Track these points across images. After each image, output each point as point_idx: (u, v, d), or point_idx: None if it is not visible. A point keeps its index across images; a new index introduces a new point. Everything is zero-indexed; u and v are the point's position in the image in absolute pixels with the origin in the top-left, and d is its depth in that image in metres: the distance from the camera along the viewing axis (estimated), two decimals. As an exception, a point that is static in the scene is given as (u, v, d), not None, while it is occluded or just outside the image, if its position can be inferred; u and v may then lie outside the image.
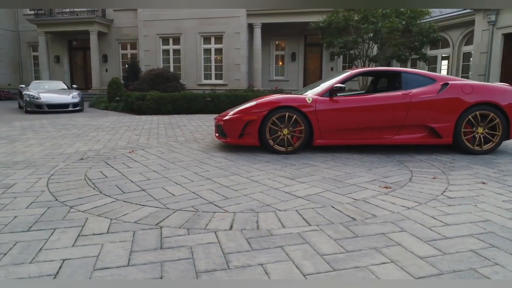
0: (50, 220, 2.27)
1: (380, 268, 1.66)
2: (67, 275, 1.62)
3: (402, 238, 1.99)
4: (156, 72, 14.18)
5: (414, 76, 4.60)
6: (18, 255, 1.80)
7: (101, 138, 5.86)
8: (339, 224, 2.19)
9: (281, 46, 18.84)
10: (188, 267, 1.68)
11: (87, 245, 1.92)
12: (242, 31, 16.66)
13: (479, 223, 2.19)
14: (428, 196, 2.73)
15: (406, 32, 11.54)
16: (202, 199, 2.70)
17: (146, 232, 2.09)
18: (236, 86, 16.56)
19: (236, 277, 1.59)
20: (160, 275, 1.61)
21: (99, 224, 2.21)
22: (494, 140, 4.37)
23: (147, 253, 1.83)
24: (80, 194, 2.83)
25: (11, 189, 2.96)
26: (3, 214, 2.39)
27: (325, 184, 3.10)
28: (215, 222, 2.24)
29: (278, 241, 1.96)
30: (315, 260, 1.74)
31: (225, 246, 1.90)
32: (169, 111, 10.94)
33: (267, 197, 2.75)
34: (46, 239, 1.99)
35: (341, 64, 17.99)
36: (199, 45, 17.07)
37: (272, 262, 1.72)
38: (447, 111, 4.33)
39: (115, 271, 1.65)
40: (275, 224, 2.20)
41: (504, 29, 11.20)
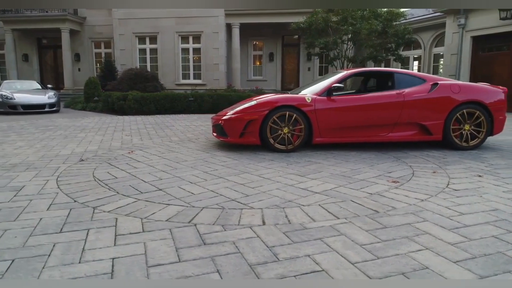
0: (79, 221, 2.26)
1: (419, 254, 1.79)
2: (124, 273, 1.64)
3: (427, 227, 2.13)
4: (134, 71, 13.95)
5: (405, 76, 4.83)
6: (63, 256, 1.79)
7: (92, 139, 5.74)
8: (364, 217, 2.31)
9: (258, 46, 18.97)
10: (239, 260, 1.74)
11: (129, 244, 1.94)
12: (220, 31, 16.65)
13: (490, 212, 2.38)
14: (435, 189, 2.92)
15: (383, 33, 11.97)
16: (223, 197, 2.75)
17: (183, 230, 2.12)
18: (215, 86, 16.53)
19: (290, 268, 1.66)
20: (216, 269, 1.67)
21: (132, 223, 2.22)
22: (479, 136, 4.67)
23: (193, 249, 1.87)
24: (98, 195, 2.80)
25: (22, 192, 2.88)
26: (26, 216, 2.34)
27: (336, 180, 3.23)
28: (246, 218, 2.30)
29: (315, 233, 2.05)
30: (357, 249, 1.85)
31: (266, 240, 1.97)
32: (151, 111, 10.79)
33: (285, 193, 2.84)
34: (84, 240, 1.99)
35: (318, 64, 18.37)
36: (177, 45, 16.90)
37: (317, 253, 1.81)
38: (438, 110, 4.58)
39: (169, 267, 1.68)
40: (305, 218, 2.30)
41: (472, 32, 11.85)
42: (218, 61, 16.80)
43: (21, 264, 1.72)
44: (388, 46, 12.77)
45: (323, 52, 12.72)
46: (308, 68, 18.41)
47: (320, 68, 18.44)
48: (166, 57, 16.95)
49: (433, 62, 15.66)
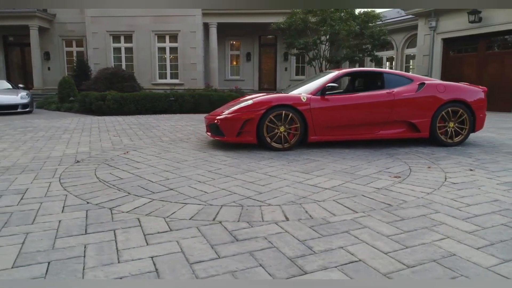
0: (101, 222, 2.23)
1: (442, 243, 1.91)
2: (168, 270, 1.65)
3: (441, 218, 2.27)
4: (111, 71, 13.62)
5: (394, 76, 5.04)
6: (99, 257, 1.78)
7: (79, 140, 5.58)
8: (380, 210, 2.43)
9: (235, 46, 19.00)
10: (277, 254, 1.80)
11: (162, 242, 1.94)
12: (198, 30, 16.53)
13: (492, 203, 2.56)
14: (436, 183, 3.09)
15: (359, 35, 12.33)
16: (237, 195, 2.78)
17: (210, 227, 2.15)
18: (192, 85, 16.39)
19: (328, 260, 1.74)
20: (257, 263, 1.71)
21: (156, 223, 2.22)
22: (462, 133, 4.94)
23: (228, 245, 1.90)
24: (109, 196, 2.76)
25: (28, 195, 2.79)
26: (43, 219, 2.28)
27: (340, 176, 3.34)
28: (268, 215, 2.35)
29: (340, 227, 2.14)
30: (384, 240, 1.95)
31: (296, 235, 2.03)
32: (131, 112, 10.58)
33: (297, 190, 2.91)
34: (113, 240, 1.97)
35: (295, 64, 18.63)
36: (153, 44, 16.62)
37: (349, 245, 1.89)
38: (425, 108, 4.81)
39: (212, 263, 1.71)
40: (325, 213, 2.38)
41: (443, 34, 12.44)
42: (196, 60, 16.68)
43: (58, 266, 1.69)
44: (364, 47, 13.15)
45: (302, 52, 12.92)
46: (285, 68, 18.63)
47: (297, 68, 18.71)
48: (142, 56, 16.63)
49: (405, 63, 16.30)
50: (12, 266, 1.69)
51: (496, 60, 11.31)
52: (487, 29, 11.19)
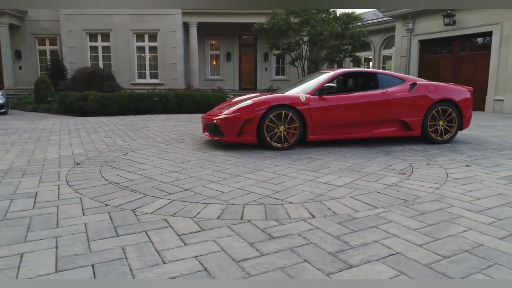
0: (129, 224, 2.21)
1: (467, 234, 2.02)
2: (217, 269, 1.67)
3: (458, 211, 2.40)
4: (89, 70, 13.24)
5: (387, 77, 5.21)
6: (141, 258, 1.77)
7: (70, 142, 5.42)
8: (398, 205, 2.53)
9: (215, 46, 18.91)
10: (318, 250, 1.85)
11: (199, 242, 1.95)
12: (177, 30, 16.34)
13: (499, 196, 2.72)
14: (440, 179, 3.24)
15: (340, 36, 12.60)
16: (255, 194, 2.81)
17: (241, 226, 2.17)
18: (173, 85, 16.19)
19: (369, 253, 1.81)
20: (302, 259, 1.76)
21: (186, 223, 2.22)
22: (451, 131, 5.18)
23: (266, 243, 1.94)
24: (126, 198, 2.73)
25: (40, 198, 2.71)
26: (67, 223, 2.23)
27: (348, 174, 3.44)
28: (293, 212, 2.40)
29: (367, 222, 2.22)
30: (413, 233, 2.04)
31: (328, 231, 2.09)
32: (114, 112, 10.35)
33: (311, 188, 2.97)
34: (149, 241, 1.96)
35: (275, 64, 18.77)
36: (131, 43, 16.28)
37: (382, 239, 1.97)
38: (417, 107, 5.01)
39: (257, 260, 1.74)
40: (347, 209, 2.46)
41: (420, 36, 12.90)
42: (176, 60, 16.48)
43: (104, 268, 1.67)
44: (344, 47, 13.44)
45: (286, 53, 13.05)
46: (265, 68, 18.73)
47: (277, 68, 18.86)
48: (120, 55, 16.26)
49: (382, 63, 16.78)
50: (56, 270, 1.66)
51: (470, 62, 11.85)
52: (461, 31, 11.71)
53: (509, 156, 4.24)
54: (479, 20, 11.19)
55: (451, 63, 12.33)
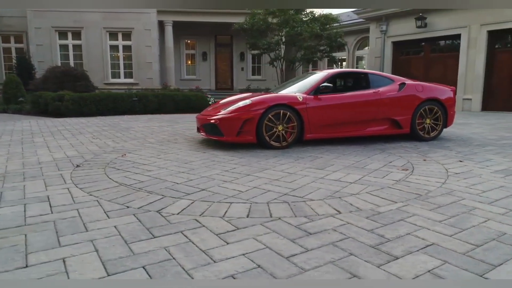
0: (161, 225, 2.18)
1: (488, 224, 2.17)
2: (270, 265, 1.69)
3: (470, 203, 2.55)
4: (62, 69, 12.76)
5: (377, 77, 5.40)
6: (189, 258, 1.77)
7: (59, 144, 5.22)
8: (414, 200, 2.65)
9: (191, 45, 18.72)
10: (358, 244, 1.92)
11: (241, 240, 1.97)
12: (153, 28, 16.05)
13: (501, 188, 2.91)
14: (442, 174, 3.41)
15: (318, 36, 12.85)
16: (273, 192, 2.85)
17: (275, 224, 2.21)
18: (148, 85, 15.89)
19: (407, 245, 1.90)
20: (348, 253, 1.82)
21: (218, 223, 2.23)
22: (437, 128, 5.45)
23: (306, 239, 1.98)
24: (144, 200, 2.68)
25: (54, 202, 2.61)
26: (95, 226, 2.18)
27: (354, 170, 3.55)
28: (319, 209, 2.46)
29: (392, 216, 2.32)
30: (439, 225, 2.16)
31: (360, 225, 2.17)
32: (92, 113, 10.04)
33: (325, 185, 3.05)
34: (189, 241, 1.95)
35: (251, 64, 18.84)
36: (104, 41, 15.82)
37: (413, 231, 2.07)
38: (407, 106, 5.23)
39: (307, 255, 1.79)
40: (369, 205, 2.55)
41: (393, 37, 13.40)
42: (151, 59, 16.18)
43: (157, 269, 1.66)
44: (321, 48, 13.72)
45: (265, 53, 13.14)
46: (242, 68, 18.76)
47: (253, 68, 18.94)
48: (93, 54, 15.75)
49: (356, 64, 17.27)
50: (107, 273, 1.63)
51: (440, 62, 12.45)
52: (432, 34, 12.28)
53: (494, 152, 4.53)
54: (449, 23, 11.78)
55: (422, 64, 12.90)
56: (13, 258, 1.77)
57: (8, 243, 1.94)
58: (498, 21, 10.71)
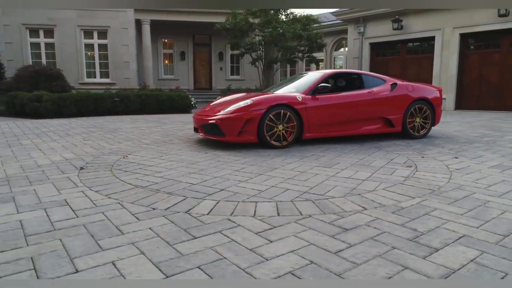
0: (196, 226, 2.18)
1: (507, 215, 2.31)
2: (322, 260, 1.74)
3: (482, 197, 2.70)
4: (36, 69, 12.23)
5: (370, 77, 5.57)
6: (241, 257, 1.78)
7: (51, 146, 5.04)
8: (429, 195, 2.78)
9: (168, 45, 18.45)
10: (395, 238, 2.00)
11: (283, 238, 2.00)
12: (130, 27, 15.69)
13: (504, 182, 3.10)
14: (445, 170, 3.59)
15: (300, 37, 13.03)
16: (293, 191, 2.90)
17: (308, 221, 2.26)
18: (126, 85, 15.52)
19: (440, 238, 2.00)
20: (391, 246, 1.89)
21: (253, 222, 2.25)
22: (426, 127, 5.69)
23: (345, 234, 2.05)
24: (168, 201, 2.66)
25: (75, 206, 2.54)
26: (130, 228, 2.14)
27: (361, 168, 3.66)
28: (344, 206, 2.54)
29: (416, 210, 2.43)
30: (462, 218, 2.28)
31: (390, 220, 2.26)
32: (72, 114, 9.71)
33: (339, 183, 3.14)
34: (232, 240, 1.97)
35: (230, 64, 18.81)
36: (79, 40, 15.29)
37: (441, 225, 2.18)
38: (399, 106, 5.43)
39: (354, 250, 1.85)
40: (389, 200, 2.65)
41: (371, 39, 13.79)
42: (129, 59, 15.81)
43: (213, 269, 1.66)
44: (301, 48, 13.92)
45: (247, 53, 13.17)
46: (220, 68, 18.70)
47: (232, 68, 18.92)
48: (67, 53, 15.19)
49: (333, 64, 17.63)
50: (165, 275, 1.62)
51: (415, 63, 12.95)
52: (408, 36, 12.75)
53: (482, 148, 4.79)
54: (424, 25, 12.28)
55: (399, 64, 13.36)
56: (59, 263, 1.73)
57: (45, 248, 1.88)
58: (469, 24, 11.27)
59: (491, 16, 10.78)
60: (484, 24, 10.96)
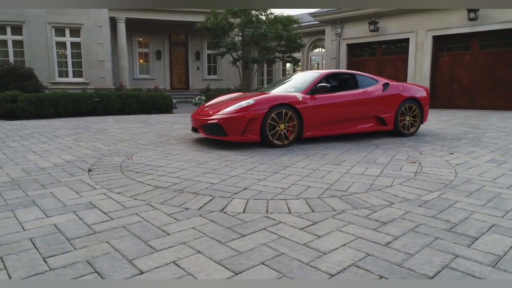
0: (239, 224, 2.20)
1: (523, 206, 2.50)
2: (379, 253, 1.82)
3: (493, 189, 2.89)
4: (6, 67, 11.64)
5: (363, 77, 5.76)
6: (298, 252, 1.82)
7: (46, 149, 4.84)
8: (445, 188, 2.94)
9: (143, 44, 18.05)
10: (433, 228, 2.11)
11: (329, 233, 2.06)
12: (104, 25, 15.22)
13: (505, 175, 3.33)
14: (447, 165, 3.78)
15: (279, 37, 13.17)
16: (315, 188, 2.97)
17: (344, 216, 2.33)
18: (100, 84, 15.05)
19: (474, 229, 2.13)
20: (433, 237, 2.00)
21: (293, 218, 2.30)
22: (415, 125, 5.96)
23: (385, 227, 2.13)
24: (197, 201, 2.66)
25: (103, 208, 2.48)
26: (173, 229, 2.13)
27: (370, 165, 3.80)
28: (371, 201, 2.63)
29: (440, 203, 2.56)
30: (486, 209, 2.44)
31: (420, 213, 2.37)
32: (49, 115, 9.32)
33: (356, 179, 3.24)
34: (282, 237, 2.01)
35: (207, 64, 18.68)
36: (50, 38, 14.65)
37: (469, 215, 2.32)
38: (391, 105, 5.65)
39: (401, 242, 1.93)
40: (410, 195, 2.78)
41: (348, 40, 14.16)
42: (104, 57, 15.33)
43: (277, 264, 1.70)
44: (280, 49, 14.07)
45: (228, 52, 13.14)
46: (197, 68, 18.53)
47: (209, 68, 18.80)
48: (36, 51, 14.51)
49: (310, 64, 17.94)
50: (234, 273, 1.63)
51: (391, 64, 13.44)
52: (383, 37, 13.21)
53: (471, 145, 5.08)
54: (399, 28, 12.77)
55: (375, 65, 13.81)
56: (119, 265, 1.70)
57: (96, 251, 1.84)
58: (442, 27, 11.85)
59: (461, 20, 11.38)
60: (455, 27, 11.56)
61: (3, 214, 2.38)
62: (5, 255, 1.80)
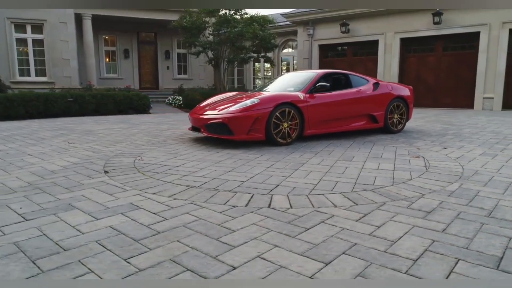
0: (295, 219, 2.27)
1: (537, 193, 2.78)
2: (442, 239, 1.96)
3: (504, 179, 3.16)
4: (-36, 65, 10.72)
5: (356, 77, 6.00)
6: (369, 241, 1.92)
7: (42, 151, 4.59)
8: (461, 179, 3.17)
9: (110, 42, 17.40)
10: (474, 216, 2.30)
11: (385, 223, 2.18)
12: (69, 21, 14.51)
13: (506, 167, 3.64)
14: (449, 159, 4.06)
15: (254, 37, 13.25)
16: (342, 183, 3.10)
17: (389, 207, 2.47)
18: (66, 84, 14.33)
19: (508, 214, 2.35)
20: (479, 222, 2.18)
21: (341, 212, 2.40)
22: (402, 122, 6.29)
23: (432, 215, 2.29)
24: (240, 199, 2.68)
25: (150, 209, 2.44)
26: (232, 225, 2.15)
27: (380, 160, 3.99)
28: (403, 193, 2.79)
29: (464, 193, 2.77)
30: (506, 197, 2.68)
31: (454, 202, 2.56)
32: (20, 116, 8.79)
33: (374, 174, 3.41)
34: (345, 229, 2.10)
35: (177, 63, 18.36)
36: (9, 34, 13.73)
37: (497, 203, 2.54)
38: (382, 103, 5.93)
39: (455, 228, 2.09)
40: (434, 186, 2.97)
41: (319, 41, 14.55)
42: (69, 56, 14.61)
43: (359, 253, 1.79)
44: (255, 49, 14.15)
45: (203, 51, 13.02)
46: (167, 67, 18.16)
47: (179, 67, 18.49)
48: (-6, 48, 13.55)
49: (280, 64, 18.20)
50: (324, 263, 1.70)
51: (361, 65, 13.98)
52: (354, 39, 13.72)
53: (457, 140, 5.46)
54: (368, 30, 13.32)
55: (345, 65, 14.28)
56: (207, 262, 1.71)
57: (173, 250, 1.83)
58: (409, 30, 12.52)
59: (427, 23, 12.09)
60: (421, 30, 12.26)
61: (46, 218, 2.27)
62: (82, 259, 1.74)
